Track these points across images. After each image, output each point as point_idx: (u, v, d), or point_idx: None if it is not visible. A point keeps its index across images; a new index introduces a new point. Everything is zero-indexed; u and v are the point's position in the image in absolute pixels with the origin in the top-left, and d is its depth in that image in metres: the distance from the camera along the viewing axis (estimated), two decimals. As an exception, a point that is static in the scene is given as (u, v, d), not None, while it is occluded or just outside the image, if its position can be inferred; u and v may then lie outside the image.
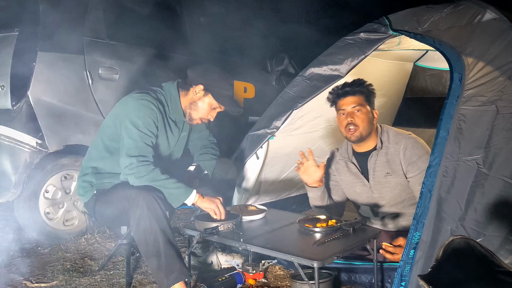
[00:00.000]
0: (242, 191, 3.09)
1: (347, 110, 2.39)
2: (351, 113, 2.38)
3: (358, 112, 2.37)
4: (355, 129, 2.38)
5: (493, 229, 1.77)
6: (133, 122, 2.25)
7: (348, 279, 2.34)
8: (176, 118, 2.47)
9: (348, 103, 2.40)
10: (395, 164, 2.40)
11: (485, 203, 1.81)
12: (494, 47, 2.07)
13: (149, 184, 2.18)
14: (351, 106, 2.38)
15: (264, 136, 2.88)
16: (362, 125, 2.37)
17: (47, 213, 3.03)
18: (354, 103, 2.38)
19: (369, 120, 2.39)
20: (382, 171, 2.43)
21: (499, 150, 1.86)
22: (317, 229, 2.08)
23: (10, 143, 2.81)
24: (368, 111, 2.40)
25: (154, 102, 2.32)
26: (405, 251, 1.89)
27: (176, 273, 2.05)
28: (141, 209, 2.07)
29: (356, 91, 2.40)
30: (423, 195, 1.91)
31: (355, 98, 2.39)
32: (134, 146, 2.23)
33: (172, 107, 2.42)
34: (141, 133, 2.25)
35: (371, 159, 2.45)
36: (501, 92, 1.95)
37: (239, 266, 2.44)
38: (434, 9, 2.38)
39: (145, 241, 2.08)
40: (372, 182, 2.47)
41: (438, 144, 1.95)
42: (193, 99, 2.41)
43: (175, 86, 2.44)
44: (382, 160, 2.43)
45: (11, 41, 2.83)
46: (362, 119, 2.37)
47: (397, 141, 2.42)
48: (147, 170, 2.19)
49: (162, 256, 2.05)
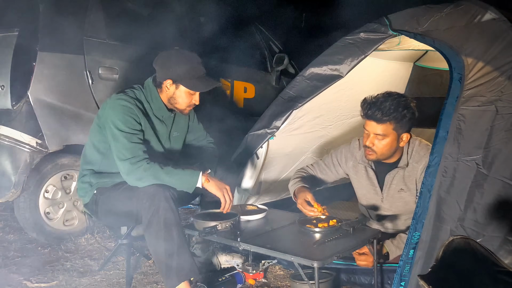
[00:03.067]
0: (242, 191, 3.09)
1: (369, 133, 2.23)
2: (372, 138, 2.22)
3: (378, 140, 2.21)
4: (371, 154, 2.26)
5: (493, 230, 1.77)
6: (114, 124, 2.22)
7: (347, 280, 2.34)
8: (163, 115, 2.42)
9: (370, 128, 2.21)
10: (410, 182, 2.31)
11: (484, 203, 1.81)
12: (493, 47, 2.08)
13: (153, 181, 2.15)
14: (373, 133, 2.21)
15: (264, 136, 2.88)
16: (379, 152, 2.24)
17: (47, 213, 3.03)
18: (378, 130, 2.18)
19: (390, 146, 2.23)
20: (397, 186, 2.34)
21: (499, 151, 1.86)
22: (317, 229, 2.08)
23: (10, 143, 2.81)
24: (394, 138, 2.20)
25: (131, 100, 2.28)
26: (405, 251, 1.89)
27: (186, 270, 2.05)
28: (157, 205, 2.05)
29: (385, 120, 2.16)
30: (423, 195, 1.91)
31: (381, 126, 2.17)
32: (122, 148, 2.20)
33: (155, 104, 2.38)
34: (124, 133, 2.21)
35: (390, 174, 2.34)
36: (501, 93, 1.95)
37: (239, 266, 2.44)
38: (434, 9, 2.38)
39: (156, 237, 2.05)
40: (385, 194, 2.39)
41: (437, 144, 1.95)
42: (169, 94, 2.35)
43: (151, 83, 2.39)
44: (399, 176, 2.33)
45: (11, 41, 2.82)
46: (382, 147, 2.22)
47: (418, 159, 2.28)
48: (145, 169, 2.16)
49: (175, 254, 2.04)
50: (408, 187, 2.32)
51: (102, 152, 2.35)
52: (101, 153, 2.35)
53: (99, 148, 2.36)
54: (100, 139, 2.34)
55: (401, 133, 2.22)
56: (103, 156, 2.36)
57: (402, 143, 2.26)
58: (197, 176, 2.20)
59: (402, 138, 2.24)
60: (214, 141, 2.75)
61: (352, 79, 2.71)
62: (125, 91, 2.35)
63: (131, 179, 2.18)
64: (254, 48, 4.37)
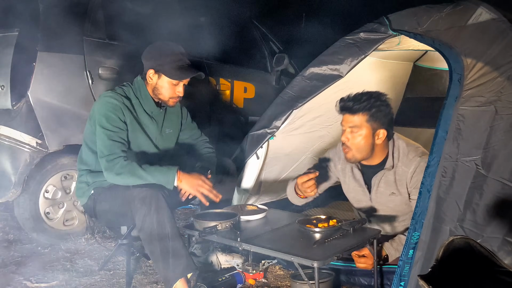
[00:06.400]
0: (242, 191, 3.09)
1: (345, 128, 2.24)
2: (347, 133, 2.22)
3: (352, 134, 2.20)
4: (347, 151, 2.25)
5: (492, 231, 1.77)
6: (99, 121, 2.25)
7: (347, 281, 2.34)
8: (153, 112, 2.43)
9: (345, 121, 2.23)
10: (401, 186, 2.28)
11: (483, 204, 1.81)
12: (493, 47, 2.08)
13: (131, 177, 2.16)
14: (348, 125, 2.22)
15: (264, 136, 2.88)
16: (355, 147, 2.22)
17: (47, 213, 3.03)
18: (351, 122, 2.20)
19: (365, 142, 2.20)
20: (387, 190, 2.31)
21: (498, 152, 1.86)
22: (317, 229, 2.08)
23: (10, 143, 2.81)
24: (367, 132, 2.19)
25: (117, 97, 2.30)
26: (404, 251, 1.89)
27: (182, 266, 2.05)
28: (149, 205, 2.06)
29: (357, 109, 2.18)
30: (422, 195, 1.91)
31: (354, 117, 2.19)
32: (102, 146, 2.23)
33: (143, 100, 2.40)
34: (106, 131, 2.23)
35: (376, 176, 2.32)
36: (500, 93, 1.95)
37: (239, 266, 2.44)
38: (434, 9, 2.38)
39: (151, 237, 2.06)
40: (373, 196, 2.38)
41: (436, 144, 1.95)
42: (152, 85, 2.37)
43: (140, 78, 2.41)
44: (389, 179, 2.29)
45: (11, 41, 2.82)
46: (357, 142, 2.20)
47: (407, 163, 2.24)
48: (121, 166, 2.17)
49: (170, 251, 2.05)
50: (400, 192, 2.30)
51: (95, 151, 2.36)
52: (95, 152, 2.36)
53: (92, 148, 2.37)
54: (92, 139, 2.35)
55: (377, 128, 2.20)
56: (97, 156, 2.36)
57: (379, 140, 2.23)
58: (174, 172, 2.20)
59: (378, 134, 2.22)
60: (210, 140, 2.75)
61: (352, 79, 2.71)
62: (114, 88, 2.38)
63: (109, 176, 2.21)
64: (254, 48, 4.37)
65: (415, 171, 2.22)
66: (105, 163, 2.21)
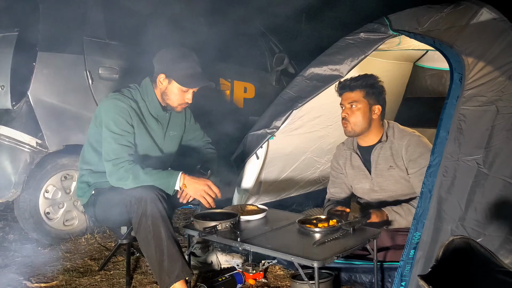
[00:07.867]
0: (242, 191, 3.09)
1: (344, 105, 2.46)
2: (347, 109, 2.45)
3: (352, 108, 2.43)
4: (346, 125, 2.46)
5: (493, 229, 1.77)
6: (106, 124, 2.24)
7: (348, 279, 2.34)
8: (158, 115, 2.43)
9: (345, 99, 2.47)
10: (398, 159, 2.45)
11: (485, 203, 1.81)
12: (494, 47, 2.07)
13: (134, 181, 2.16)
14: (347, 102, 2.45)
15: (264, 136, 2.88)
16: (353, 120, 2.43)
17: (47, 213, 3.03)
18: (350, 98, 2.44)
19: (363, 116, 2.43)
20: (386, 164, 2.47)
21: (499, 150, 1.86)
22: (317, 229, 2.08)
23: (10, 143, 2.81)
24: (364, 106, 2.43)
25: (125, 100, 2.29)
26: (405, 251, 1.89)
27: (177, 271, 2.05)
28: (144, 207, 2.06)
29: (355, 86, 2.43)
30: (423, 195, 1.91)
31: (353, 93, 2.44)
32: (109, 149, 2.22)
33: (150, 102, 2.39)
34: (114, 134, 2.22)
35: (374, 151, 2.50)
36: (501, 92, 1.95)
37: (239, 266, 2.44)
38: (434, 9, 2.38)
39: (146, 239, 2.07)
40: (374, 174, 2.51)
41: (438, 144, 1.95)
42: (162, 90, 2.36)
43: (149, 81, 2.40)
44: (386, 154, 2.47)
45: (11, 41, 2.82)
46: (355, 115, 2.43)
47: (401, 137, 2.46)
48: (126, 169, 2.17)
49: (165, 255, 2.05)
50: (397, 164, 2.45)
51: (99, 151, 2.35)
52: (99, 152, 2.35)
53: (97, 148, 2.36)
54: (97, 139, 2.34)
55: (373, 104, 2.44)
56: (100, 156, 2.36)
57: (375, 115, 2.46)
58: (176, 177, 2.21)
59: (374, 110, 2.45)
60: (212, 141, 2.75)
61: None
62: (121, 90, 2.36)
63: (113, 180, 2.21)
64: (254, 48, 4.37)
65: (409, 144, 2.42)
66: (110, 167, 2.20)
